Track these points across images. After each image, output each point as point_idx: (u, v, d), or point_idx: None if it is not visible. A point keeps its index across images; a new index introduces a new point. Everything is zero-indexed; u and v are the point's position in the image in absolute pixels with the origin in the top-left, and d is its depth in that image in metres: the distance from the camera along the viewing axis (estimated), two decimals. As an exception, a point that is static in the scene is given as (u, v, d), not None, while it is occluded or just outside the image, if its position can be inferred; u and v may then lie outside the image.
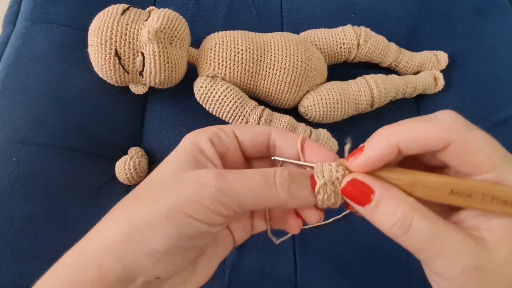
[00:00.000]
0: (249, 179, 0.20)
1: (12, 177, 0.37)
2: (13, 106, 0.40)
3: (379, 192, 0.20)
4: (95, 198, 0.39)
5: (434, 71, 0.51)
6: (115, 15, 0.38)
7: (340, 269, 0.39)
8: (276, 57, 0.42)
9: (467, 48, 0.55)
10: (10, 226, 0.35)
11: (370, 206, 0.20)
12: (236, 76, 0.41)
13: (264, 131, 0.23)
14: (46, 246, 0.36)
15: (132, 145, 0.43)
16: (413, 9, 0.57)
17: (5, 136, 0.39)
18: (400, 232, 0.19)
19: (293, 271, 0.39)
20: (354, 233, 0.41)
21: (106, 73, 0.40)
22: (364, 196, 0.20)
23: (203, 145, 0.22)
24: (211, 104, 0.41)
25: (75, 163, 0.40)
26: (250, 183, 0.20)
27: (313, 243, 0.40)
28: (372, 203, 0.20)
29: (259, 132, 0.23)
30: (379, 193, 0.19)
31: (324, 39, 0.47)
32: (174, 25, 0.39)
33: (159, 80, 0.40)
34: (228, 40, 0.41)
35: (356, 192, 0.20)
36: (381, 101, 0.46)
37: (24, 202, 0.36)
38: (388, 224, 0.19)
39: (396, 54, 0.50)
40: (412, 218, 0.19)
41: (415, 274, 0.40)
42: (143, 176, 0.40)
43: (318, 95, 0.43)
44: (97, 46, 0.38)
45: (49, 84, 0.42)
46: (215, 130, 0.23)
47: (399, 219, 0.19)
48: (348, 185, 0.20)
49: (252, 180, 0.20)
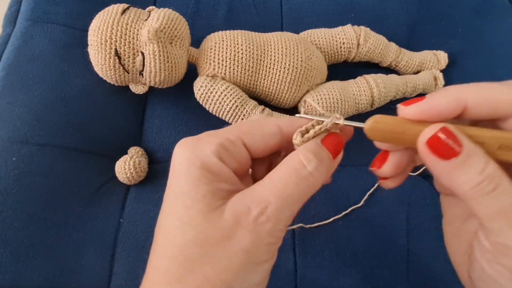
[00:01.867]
0: (287, 188, 0.19)
1: (12, 176, 0.37)
2: (13, 106, 0.40)
3: (469, 146, 0.18)
4: (95, 198, 0.39)
5: (434, 70, 0.51)
6: (115, 14, 0.38)
7: (340, 268, 0.39)
8: (276, 56, 0.42)
9: (467, 48, 0.55)
10: (10, 225, 0.35)
11: (456, 160, 0.18)
12: (236, 76, 0.41)
13: (273, 130, 0.21)
14: (46, 246, 0.36)
15: (132, 145, 0.43)
16: (413, 9, 0.57)
17: (5, 135, 0.39)
18: (486, 191, 0.17)
19: (293, 270, 0.39)
20: (354, 232, 0.41)
21: (106, 73, 0.40)
22: (450, 149, 0.18)
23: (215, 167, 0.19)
24: (211, 104, 0.41)
25: (75, 163, 0.40)
26: (292, 192, 0.19)
27: (313, 242, 0.40)
28: (460, 157, 0.17)
29: (270, 134, 0.21)
30: (469, 147, 0.18)
31: (324, 38, 0.47)
32: (174, 24, 0.39)
33: (159, 80, 0.40)
34: (228, 39, 0.41)
35: (442, 144, 0.18)
36: (381, 100, 0.46)
37: (24, 202, 0.36)
38: (473, 182, 0.17)
39: (396, 53, 0.50)
40: (500, 178, 0.17)
41: (415, 274, 0.40)
42: (143, 176, 0.40)
43: (318, 95, 0.43)
44: (97, 45, 0.38)
45: (49, 84, 0.42)
46: (221, 142, 0.20)
47: (488, 176, 0.17)
48: (435, 139, 0.18)
49: (291, 187, 0.19)
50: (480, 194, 0.17)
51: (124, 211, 0.39)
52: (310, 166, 0.19)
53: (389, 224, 0.42)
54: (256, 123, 0.21)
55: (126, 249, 0.37)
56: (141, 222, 0.39)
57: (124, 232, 0.38)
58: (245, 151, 0.21)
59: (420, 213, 0.43)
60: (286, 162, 0.20)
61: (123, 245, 0.38)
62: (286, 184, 0.19)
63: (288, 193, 0.19)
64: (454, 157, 0.18)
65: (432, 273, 0.40)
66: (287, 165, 0.20)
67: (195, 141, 0.20)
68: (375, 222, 0.42)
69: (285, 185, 0.19)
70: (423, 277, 0.40)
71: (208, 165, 0.19)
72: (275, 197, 0.18)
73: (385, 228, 0.42)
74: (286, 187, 0.19)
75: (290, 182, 0.19)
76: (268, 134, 0.21)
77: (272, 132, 0.21)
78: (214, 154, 0.19)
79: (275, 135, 0.21)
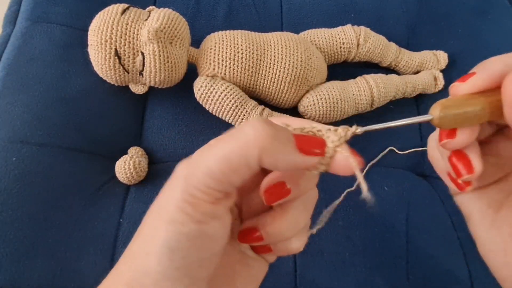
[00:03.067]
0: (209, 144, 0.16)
1: (12, 176, 0.37)
2: (13, 106, 0.40)
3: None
4: (95, 198, 0.39)
5: (434, 70, 0.51)
6: (115, 14, 0.38)
7: (339, 268, 0.39)
8: (276, 56, 0.42)
9: (467, 48, 0.55)
10: (10, 225, 0.35)
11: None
12: (236, 76, 0.41)
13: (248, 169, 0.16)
14: (46, 246, 0.36)
15: (132, 145, 0.43)
16: (413, 9, 0.57)
17: (5, 135, 0.39)
18: None
19: (293, 270, 0.39)
20: (354, 232, 0.41)
21: (106, 73, 0.40)
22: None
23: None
24: (211, 104, 0.41)
25: (75, 163, 0.40)
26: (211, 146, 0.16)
27: (313, 242, 0.40)
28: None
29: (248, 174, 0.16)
30: None
31: (324, 38, 0.47)
32: (174, 24, 0.39)
33: (159, 80, 0.40)
34: (228, 39, 0.41)
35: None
36: (380, 100, 0.46)
37: (24, 202, 0.36)
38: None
39: (395, 53, 0.50)
40: None
41: (415, 273, 0.40)
42: (143, 176, 0.40)
43: (317, 95, 0.43)
44: (97, 45, 0.38)
45: (49, 84, 0.42)
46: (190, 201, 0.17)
47: None
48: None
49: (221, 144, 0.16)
50: None
51: (124, 211, 0.39)
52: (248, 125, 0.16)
53: (389, 224, 0.42)
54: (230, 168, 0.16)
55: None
56: (141, 222, 0.39)
57: (124, 232, 0.38)
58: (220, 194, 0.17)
59: (420, 213, 0.43)
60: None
61: (123, 245, 0.38)
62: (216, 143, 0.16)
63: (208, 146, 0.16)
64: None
65: (432, 273, 0.40)
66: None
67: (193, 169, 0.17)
68: (375, 222, 0.42)
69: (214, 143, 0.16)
70: (423, 277, 0.40)
71: None
72: (197, 154, 0.17)
73: (385, 228, 0.42)
74: (209, 143, 0.16)
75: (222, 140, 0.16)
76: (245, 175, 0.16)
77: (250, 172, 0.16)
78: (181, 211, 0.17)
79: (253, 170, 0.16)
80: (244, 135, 0.15)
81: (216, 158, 0.15)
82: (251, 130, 0.15)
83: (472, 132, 0.18)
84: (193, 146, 0.43)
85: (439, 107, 0.17)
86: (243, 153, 0.15)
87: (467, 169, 0.19)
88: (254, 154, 0.15)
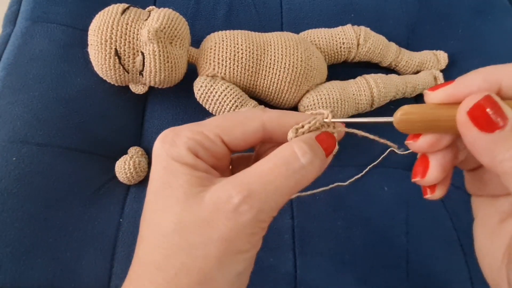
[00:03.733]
0: (275, 180, 0.18)
1: (12, 176, 0.37)
2: (13, 105, 0.40)
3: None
4: (95, 198, 0.39)
5: (434, 70, 0.51)
6: (115, 14, 0.38)
7: (339, 268, 0.39)
8: (276, 56, 0.42)
9: (467, 48, 0.55)
10: (10, 225, 0.35)
11: (500, 133, 0.16)
12: (236, 76, 0.41)
13: (255, 127, 0.20)
14: (46, 246, 0.36)
15: (132, 145, 0.43)
16: (413, 9, 0.57)
17: (5, 135, 0.39)
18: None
19: (293, 270, 0.39)
20: (354, 233, 0.41)
21: (106, 73, 0.40)
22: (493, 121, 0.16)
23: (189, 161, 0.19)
24: (211, 104, 0.41)
25: (75, 163, 0.40)
26: (279, 184, 0.18)
27: (313, 242, 0.40)
28: (505, 130, 0.16)
29: (251, 132, 0.20)
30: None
31: (324, 38, 0.47)
32: (174, 24, 0.39)
33: (159, 80, 0.40)
34: (228, 39, 0.41)
35: (484, 115, 0.16)
36: (381, 100, 0.46)
37: (24, 202, 0.36)
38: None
39: (396, 53, 0.50)
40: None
41: (415, 272, 0.40)
42: (143, 176, 0.40)
43: (318, 95, 0.43)
44: (97, 45, 0.38)
45: (49, 84, 0.42)
46: (198, 139, 0.19)
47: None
48: (477, 108, 0.16)
49: (279, 179, 0.18)
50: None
51: (124, 211, 0.39)
52: (305, 158, 0.18)
53: (389, 224, 0.42)
54: (238, 119, 0.21)
55: (126, 249, 0.37)
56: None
57: (124, 232, 0.38)
58: (223, 147, 0.20)
59: (420, 213, 0.43)
60: (277, 153, 0.19)
61: (123, 245, 0.38)
62: (275, 176, 0.18)
63: (276, 185, 0.18)
64: (497, 129, 0.16)
65: (432, 273, 0.40)
66: (278, 156, 0.19)
67: (173, 135, 0.19)
68: (375, 222, 0.42)
69: (273, 176, 0.18)
70: (423, 277, 0.40)
71: (184, 160, 0.19)
72: (260, 187, 0.18)
73: (385, 228, 0.42)
74: (275, 179, 0.18)
75: (279, 174, 0.18)
76: (250, 132, 0.20)
77: (254, 130, 0.20)
78: (189, 150, 0.19)
79: (257, 132, 0.20)
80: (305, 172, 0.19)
81: (284, 197, 0.18)
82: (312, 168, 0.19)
83: (436, 141, 0.19)
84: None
85: (400, 111, 0.18)
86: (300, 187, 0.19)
87: (420, 173, 0.20)
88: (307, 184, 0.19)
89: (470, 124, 0.17)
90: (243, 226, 0.17)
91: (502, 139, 0.16)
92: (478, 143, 0.17)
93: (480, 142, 0.17)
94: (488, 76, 0.17)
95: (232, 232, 0.17)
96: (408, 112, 0.18)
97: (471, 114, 0.17)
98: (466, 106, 0.17)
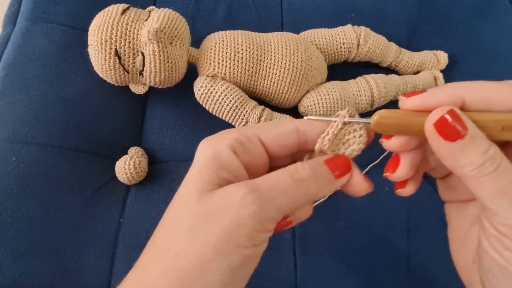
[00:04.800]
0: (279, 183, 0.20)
1: (12, 177, 0.37)
2: (13, 106, 0.40)
3: (474, 129, 0.18)
4: (95, 198, 0.39)
5: (434, 70, 0.51)
6: (115, 15, 0.38)
7: (340, 269, 0.39)
8: (276, 56, 0.42)
9: (467, 48, 0.55)
10: (10, 225, 0.35)
11: (461, 142, 0.18)
12: (236, 76, 0.41)
13: (289, 128, 0.22)
14: (46, 246, 0.36)
15: (132, 145, 0.43)
16: (413, 9, 0.57)
17: (5, 135, 0.39)
18: (488, 172, 0.18)
19: (293, 270, 0.39)
20: (354, 232, 0.41)
21: (106, 73, 0.40)
22: (455, 131, 0.18)
23: (225, 157, 0.20)
24: (211, 104, 0.41)
25: (75, 163, 0.40)
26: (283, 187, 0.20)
27: (313, 243, 0.40)
28: (465, 139, 0.18)
29: (286, 132, 0.22)
30: (473, 129, 0.18)
31: (324, 38, 0.47)
32: (174, 24, 0.39)
33: (159, 80, 0.40)
34: (228, 39, 0.41)
35: (448, 126, 0.19)
36: (381, 100, 0.46)
37: (24, 202, 0.36)
38: (476, 163, 0.18)
39: (396, 54, 0.50)
40: (501, 159, 0.18)
41: (416, 272, 0.40)
42: (143, 176, 0.40)
43: (318, 95, 0.43)
44: (97, 46, 0.38)
45: (49, 84, 0.42)
46: (237, 137, 0.21)
47: (490, 157, 0.18)
48: (441, 121, 0.19)
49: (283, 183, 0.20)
50: (482, 174, 0.18)
51: (124, 211, 0.39)
52: (304, 172, 0.21)
53: (389, 224, 0.42)
54: (273, 122, 0.23)
55: (126, 249, 0.37)
56: (141, 222, 0.39)
57: (124, 232, 0.38)
58: (260, 146, 0.22)
59: (420, 213, 0.43)
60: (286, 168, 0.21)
61: (123, 245, 0.38)
62: (280, 181, 0.20)
63: (280, 187, 0.20)
64: (459, 139, 0.18)
65: (432, 273, 0.40)
66: (285, 168, 0.21)
67: (215, 136, 0.22)
68: (376, 222, 0.42)
69: (278, 180, 0.20)
70: (423, 277, 0.40)
71: (219, 153, 0.20)
72: (265, 186, 0.20)
73: (385, 229, 0.42)
74: (279, 182, 0.20)
75: (284, 180, 0.20)
76: (285, 132, 0.22)
77: (288, 130, 0.22)
78: (228, 146, 0.21)
79: (291, 133, 0.22)
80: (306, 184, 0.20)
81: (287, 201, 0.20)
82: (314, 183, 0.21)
83: (406, 143, 0.21)
84: (193, 146, 0.43)
85: (377, 115, 0.21)
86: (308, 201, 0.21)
87: (391, 169, 0.23)
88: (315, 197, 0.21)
89: (436, 134, 0.19)
90: (245, 218, 0.18)
91: (462, 147, 0.18)
92: (443, 150, 0.19)
93: (444, 149, 0.19)
94: (454, 91, 0.19)
95: (234, 223, 0.18)
96: (384, 117, 0.21)
97: (437, 125, 0.19)
98: (433, 118, 0.19)
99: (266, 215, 0.19)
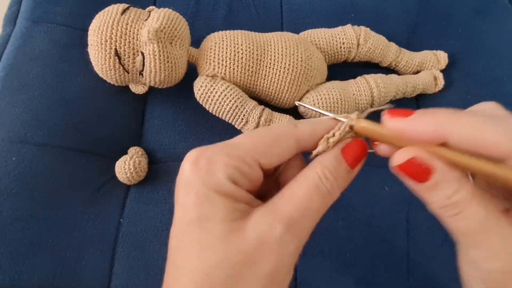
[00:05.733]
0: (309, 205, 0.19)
1: (12, 176, 0.37)
2: (13, 106, 0.40)
3: (440, 173, 0.18)
4: (95, 198, 0.39)
5: (434, 70, 0.51)
6: (115, 14, 0.38)
7: (340, 269, 0.39)
8: (276, 56, 0.42)
9: (467, 48, 0.54)
10: (10, 225, 0.35)
11: (426, 185, 0.18)
12: (236, 76, 0.41)
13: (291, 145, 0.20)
14: (46, 246, 0.36)
15: (132, 145, 0.43)
16: (413, 9, 0.57)
17: (5, 135, 0.39)
18: (449, 215, 0.18)
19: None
20: (354, 233, 0.41)
21: (106, 73, 0.40)
22: (422, 175, 0.18)
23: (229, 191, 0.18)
24: (211, 104, 0.41)
25: (75, 163, 0.40)
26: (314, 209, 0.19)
27: (313, 243, 0.40)
28: (430, 183, 0.18)
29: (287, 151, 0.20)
30: (439, 175, 0.18)
31: (324, 38, 0.47)
32: (174, 24, 0.39)
33: (159, 80, 0.40)
34: (228, 39, 0.41)
35: (413, 170, 0.18)
36: (381, 100, 0.46)
37: (24, 202, 0.36)
38: (439, 204, 0.18)
39: (396, 53, 0.50)
40: (467, 204, 0.18)
41: (416, 272, 0.40)
42: (143, 176, 0.40)
43: (318, 95, 0.43)
44: (97, 45, 0.38)
45: (49, 84, 0.42)
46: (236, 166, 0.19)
47: (454, 203, 0.18)
48: (406, 163, 0.18)
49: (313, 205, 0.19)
50: (445, 216, 0.18)
51: (124, 211, 0.39)
52: (328, 183, 0.19)
53: (389, 224, 0.42)
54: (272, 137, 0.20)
55: (126, 249, 0.37)
56: (141, 222, 0.39)
57: (124, 232, 0.38)
58: (259, 171, 0.20)
59: (420, 213, 0.43)
60: (307, 177, 0.19)
61: (123, 245, 0.38)
62: (311, 202, 0.19)
63: (312, 210, 0.19)
64: (424, 181, 0.18)
65: (432, 273, 0.40)
66: (308, 180, 0.19)
67: (207, 161, 0.19)
68: (376, 222, 0.42)
69: (309, 203, 0.19)
70: (423, 277, 0.40)
71: (224, 190, 0.18)
72: (299, 214, 0.18)
73: (385, 228, 0.42)
74: (311, 204, 0.19)
75: (313, 198, 0.19)
76: (286, 151, 0.20)
77: (289, 148, 0.20)
78: (229, 179, 0.18)
79: (292, 149, 0.20)
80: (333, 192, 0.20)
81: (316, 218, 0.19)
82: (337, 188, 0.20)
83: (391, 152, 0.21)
84: (193, 146, 0.43)
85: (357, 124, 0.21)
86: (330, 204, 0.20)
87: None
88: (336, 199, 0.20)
89: (401, 172, 0.19)
90: (287, 258, 0.18)
91: (428, 189, 0.18)
92: (410, 186, 0.19)
93: (412, 186, 0.19)
94: (437, 130, 0.18)
95: (277, 266, 0.18)
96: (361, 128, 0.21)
97: (400, 168, 0.19)
98: (396, 160, 0.19)
99: (303, 244, 0.19)
